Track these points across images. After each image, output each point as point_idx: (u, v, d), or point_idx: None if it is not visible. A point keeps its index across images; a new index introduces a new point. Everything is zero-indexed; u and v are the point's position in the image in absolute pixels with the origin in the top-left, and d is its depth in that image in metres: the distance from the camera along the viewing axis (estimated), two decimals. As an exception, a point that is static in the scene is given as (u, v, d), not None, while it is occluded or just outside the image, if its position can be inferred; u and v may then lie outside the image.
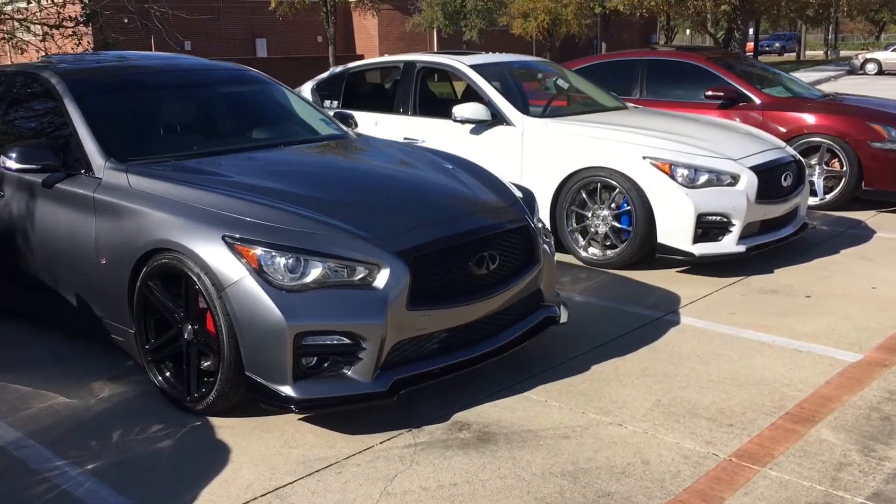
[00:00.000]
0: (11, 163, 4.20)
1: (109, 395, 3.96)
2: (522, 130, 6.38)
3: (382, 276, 3.47)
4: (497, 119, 6.51)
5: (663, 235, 5.69)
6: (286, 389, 3.38)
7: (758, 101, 8.11)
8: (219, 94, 5.27)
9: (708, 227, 5.68)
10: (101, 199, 4.01)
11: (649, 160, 5.72)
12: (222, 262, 3.44)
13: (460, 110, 6.50)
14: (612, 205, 5.87)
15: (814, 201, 7.64)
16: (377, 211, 3.82)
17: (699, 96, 8.24)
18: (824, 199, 7.79)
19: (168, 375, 3.79)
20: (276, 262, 3.41)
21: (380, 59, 8.46)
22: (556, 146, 6.16)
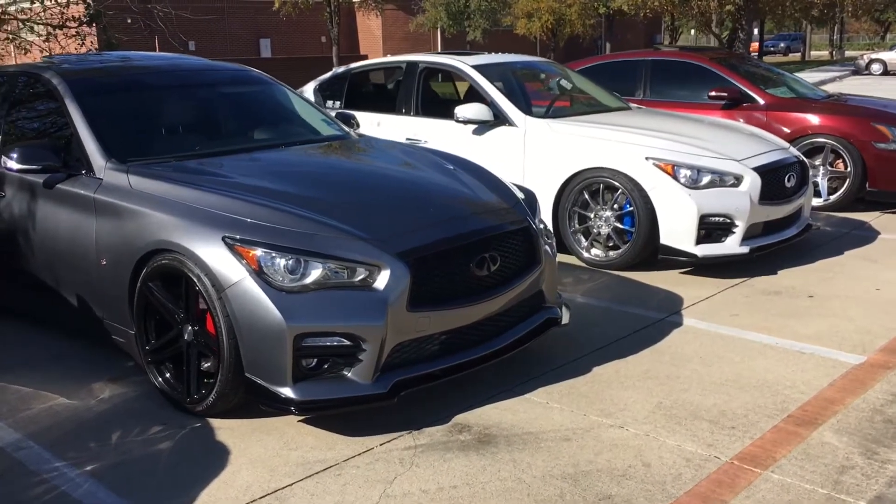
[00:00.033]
0: (12, 163, 4.22)
1: (109, 396, 3.96)
2: (525, 131, 6.36)
3: (383, 277, 3.46)
4: (499, 119, 6.49)
5: (666, 236, 5.67)
6: (286, 391, 3.37)
7: (761, 101, 8.08)
8: (220, 94, 5.27)
9: (711, 229, 5.66)
10: (101, 199, 4.01)
11: (652, 161, 5.70)
12: (222, 263, 3.43)
13: (463, 111, 6.49)
14: (615, 206, 5.85)
15: (818, 202, 7.61)
16: (378, 212, 3.81)
17: (703, 97, 8.22)
18: (828, 199, 7.77)
19: (168, 376, 3.79)
20: (276, 263, 3.40)
21: (382, 59, 8.45)
22: (559, 147, 6.14)
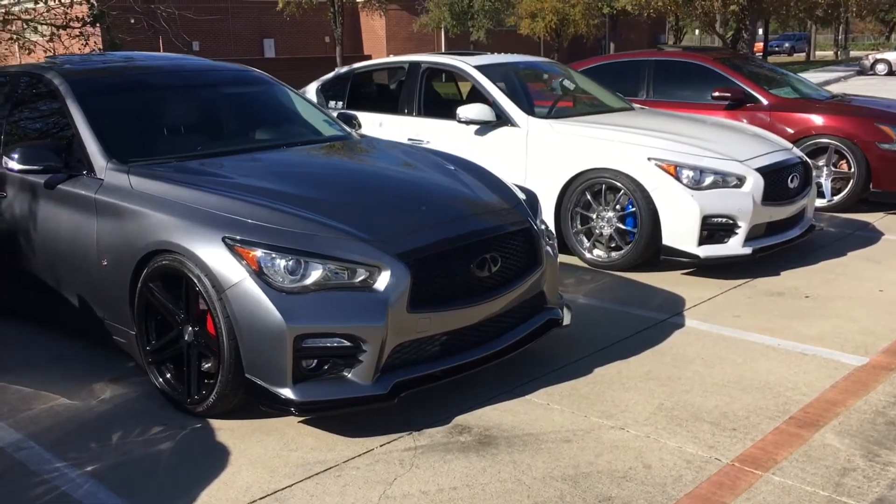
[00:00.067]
0: (14, 163, 4.22)
1: (110, 397, 3.96)
2: (527, 131, 6.35)
3: (383, 278, 3.45)
4: (502, 120, 6.48)
5: (668, 237, 5.65)
6: (286, 392, 3.36)
7: (765, 101, 8.06)
8: (221, 94, 5.27)
9: (713, 229, 5.64)
10: (102, 200, 4.01)
11: (654, 161, 5.69)
12: (222, 263, 3.43)
13: (465, 111, 6.48)
14: (617, 206, 5.84)
15: (821, 203, 7.59)
16: (378, 212, 3.81)
17: (706, 97, 8.21)
18: (832, 200, 7.75)
19: (169, 377, 3.78)
20: (276, 263, 3.40)
21: (385, 59, 8.45)
22: (561, 147, 6.13)
